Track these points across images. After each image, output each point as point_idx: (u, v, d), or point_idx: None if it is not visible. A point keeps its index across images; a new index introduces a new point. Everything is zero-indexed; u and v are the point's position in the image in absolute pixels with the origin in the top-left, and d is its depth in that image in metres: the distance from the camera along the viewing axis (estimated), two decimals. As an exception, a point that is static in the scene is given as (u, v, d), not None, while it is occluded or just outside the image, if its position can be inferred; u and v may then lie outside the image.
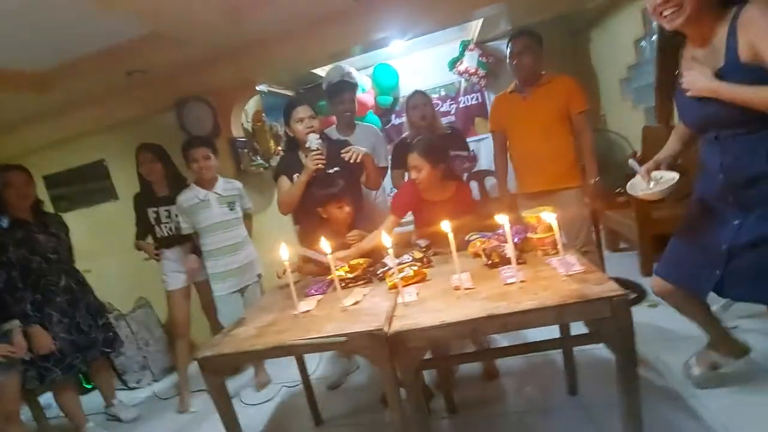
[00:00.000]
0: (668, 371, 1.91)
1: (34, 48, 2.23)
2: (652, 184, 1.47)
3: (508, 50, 2.35)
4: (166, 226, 2.61)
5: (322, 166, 2.12)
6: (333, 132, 2.79)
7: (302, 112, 2.20)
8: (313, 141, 2.12)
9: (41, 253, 2.24)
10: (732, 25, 1.20)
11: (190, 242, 2.61)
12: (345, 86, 2.82)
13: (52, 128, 3.21)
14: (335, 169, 2.20)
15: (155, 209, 2.60)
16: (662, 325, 2.25)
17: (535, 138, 2.33)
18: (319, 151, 2.12)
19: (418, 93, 2.63)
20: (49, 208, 2.63)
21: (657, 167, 1.50)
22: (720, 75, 1.24)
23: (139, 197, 2.68)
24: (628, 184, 1.53)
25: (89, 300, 2.48)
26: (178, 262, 2.64)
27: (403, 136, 2.98)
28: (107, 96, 2.93)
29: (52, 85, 2.63)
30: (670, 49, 1.36)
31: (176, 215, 2.54)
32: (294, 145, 2.31)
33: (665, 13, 1.23)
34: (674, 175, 1.42)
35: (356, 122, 2.79)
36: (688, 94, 1.29)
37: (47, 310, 2.26)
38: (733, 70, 1.21)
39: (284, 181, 2.27)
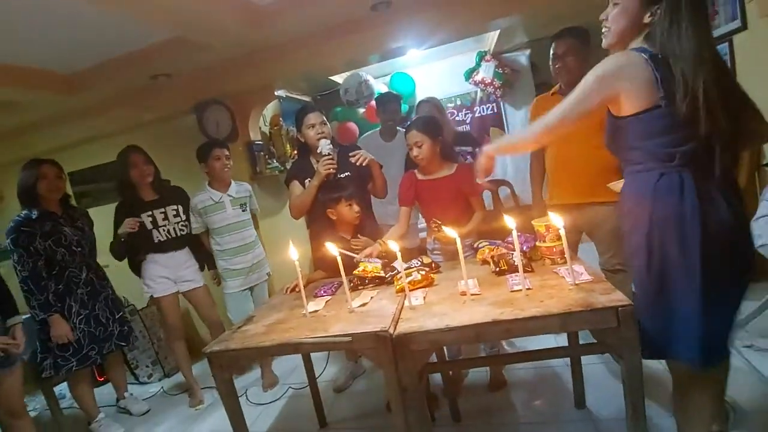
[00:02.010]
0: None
1: (64, 51, 2.34)
2: None
3: (551, 52, 2.18)
4: (164, 229, 2.56)
5: (334, 171, 2.16)
6: (377, 138, 2.98)
7: (313, 118, 2.25)
8: (324, 146, 2.17)
9: (66, 245, 2.32)
10: None
11: (185, 249, 2.65)
12: (392, 98, 3.04)
13: (79, 127, 3.34)
14: (346, 173, 2.24)
15: (149, 213, 2.54)
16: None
17: (572, 145, 2.10)
18: (330, 156, 2.16)
19: (423, 102, 2.69)
20: (72, 203, 2.71)
21: None
22: None
23: (123, 206, 2.54)
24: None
25: (108, 293, 2.55)
26: (168, 268, 2.60)
27: None
28: (132, 98, 3.04)
29: (80, 86, 2.74)
30: None
31: (174, 215, 2.59)
32: (306, 150, 2.36)
33: (603, 30, 1.29)
34: None
35: (398, 129, 2.96)
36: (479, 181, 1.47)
37: (68, 301, 2.33)
38: None
39: (296, 185, 2.31)
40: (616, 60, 1.16)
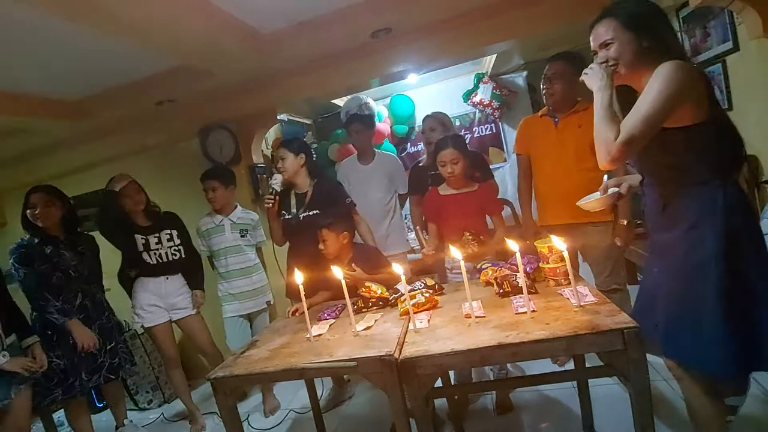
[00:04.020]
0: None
1: (71, 78, 2.39)
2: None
3: (543, 74, 2.25)
4: (155, 253, 2.53)
5: (270, 206, 2.32)
6: (354, 161, 2.90)
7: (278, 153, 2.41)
8: (273, 182, 2.34)
9: (63, 269, 2.30)
10: None
11: (178, 275, 2.61)
12: (356, 119, 2.93)
13: (84, 152, 3.39)
14: (315, 211, 2.33)
15: (143, 237, 2.51)
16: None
17: (563, 167, 2.18)
18: (270, 194, 2.33)
19: (429, 117, 2.71)
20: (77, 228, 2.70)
21: (618, 184, 1.49)
22: None
23: (114, 233, 2.49)
24: (586, 197, 1.56)
25: (102, 322, 2.45)
26: (159, 296, 2.54)
27: (418, 161, 3.07)
28: (137, 123, 3.09)
29: (86, 112, 2.79)
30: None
31: (167, 239, 2.57)
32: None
33: (610, 72, 1.27)
34: (615, 191, 1.46)
35: (376, 150, 2.92)
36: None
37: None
38: None
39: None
40: (681, 65, 1.14)
